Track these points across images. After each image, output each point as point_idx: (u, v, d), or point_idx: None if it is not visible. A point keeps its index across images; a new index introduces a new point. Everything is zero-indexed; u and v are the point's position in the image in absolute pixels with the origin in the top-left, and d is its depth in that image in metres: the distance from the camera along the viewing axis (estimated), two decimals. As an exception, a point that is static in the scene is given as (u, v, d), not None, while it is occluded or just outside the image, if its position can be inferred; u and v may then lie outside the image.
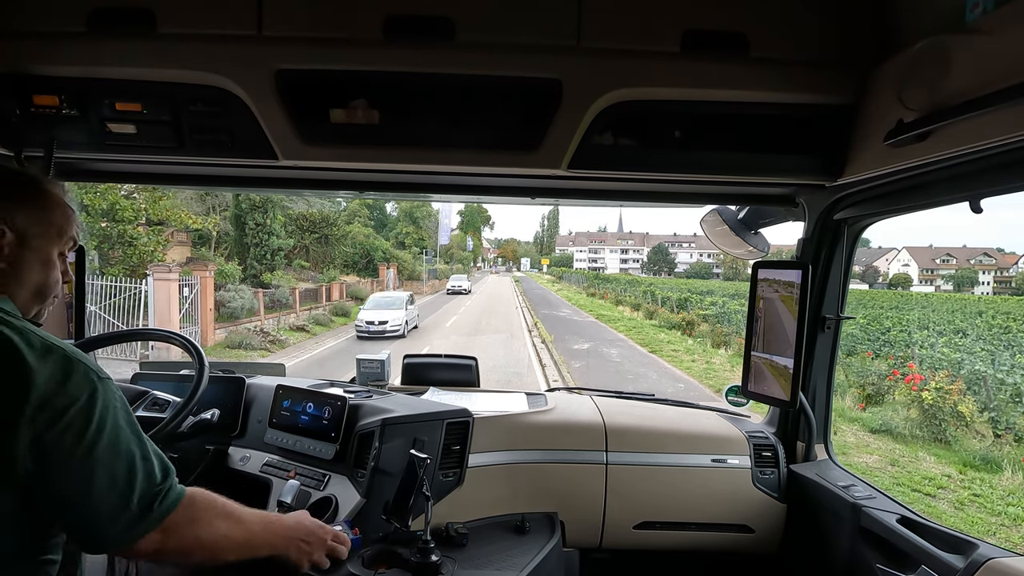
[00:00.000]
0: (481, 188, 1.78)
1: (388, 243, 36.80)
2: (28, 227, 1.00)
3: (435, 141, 1.45)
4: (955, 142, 1.11)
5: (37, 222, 1.02)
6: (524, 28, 1.37)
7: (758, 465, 1.94)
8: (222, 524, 1.09)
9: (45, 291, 1.06)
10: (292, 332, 17.19)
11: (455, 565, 1.51)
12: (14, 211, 0.99)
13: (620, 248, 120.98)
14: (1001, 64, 0.99)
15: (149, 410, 1.65)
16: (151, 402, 1.68)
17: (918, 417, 8.34)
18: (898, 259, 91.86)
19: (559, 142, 1.41)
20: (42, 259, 1.03)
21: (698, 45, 1.36)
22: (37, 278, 1.03)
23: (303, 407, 1.78)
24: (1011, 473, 6.94)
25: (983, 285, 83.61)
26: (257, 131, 1.40)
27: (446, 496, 1.72)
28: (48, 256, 1.04)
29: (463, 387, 2.31)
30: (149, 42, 1.35)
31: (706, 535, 1.94)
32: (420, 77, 1.38)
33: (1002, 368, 10.33)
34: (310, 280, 23.97)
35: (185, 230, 18.86)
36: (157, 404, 1.68)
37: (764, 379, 1.78)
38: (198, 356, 1.64)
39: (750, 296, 1.82)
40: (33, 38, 1.35)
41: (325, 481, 1.64)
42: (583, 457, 1.91)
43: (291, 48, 1.36)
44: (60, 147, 1.45)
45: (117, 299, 12.33)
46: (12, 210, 0.99)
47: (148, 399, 1.68)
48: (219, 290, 15.94)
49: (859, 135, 1.39)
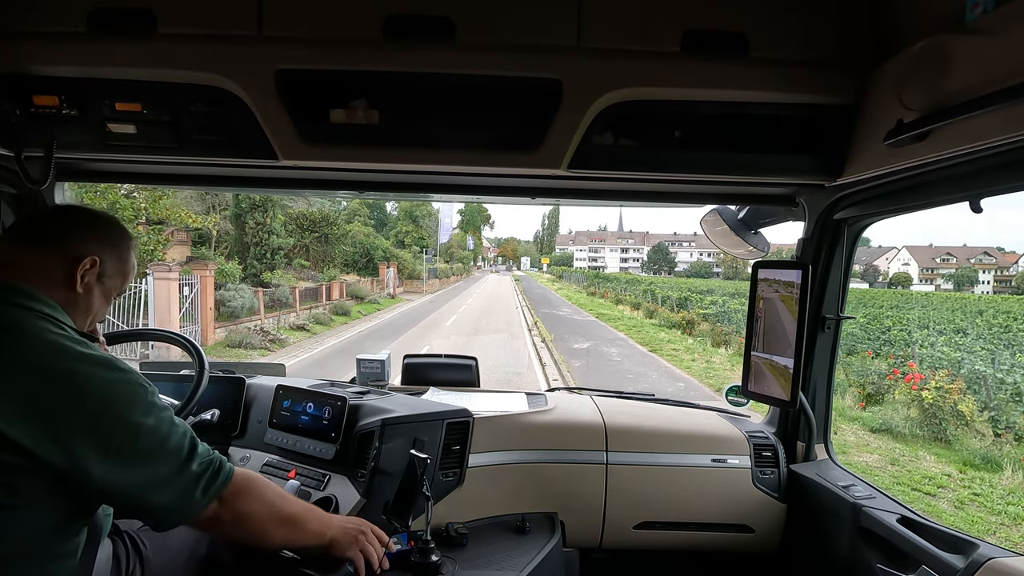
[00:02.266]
0: (481, 188, 1.78)
1: (388, 242, 36.76)
2: (109, 267, 1.17)
3: (435, 141, 1.45)
4: (955, 142, 1.11)
5: (116, 265, 1.19)
6: (524, 28, 1.36)
7: (758, 465, 1.94)
8: (272, 497, 1.20)
9: (94, 319, 1.20)
10: (292, 331, 17.19)
11: (455, 565, 1.52)
12: (106, 251, 1.16)
13: (620, 247, 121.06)
14: (1001, 64, 0.99)
15: None
16: None
17: (918, 416, 8.34)
18: (898, 258, 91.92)
19: (559, 142, 1.41)
20: (106, 295, 1.19)
21: (698, 45, 1.36)
22: (96, 308, 1.18)
23: (303, 407, 1.78)
24: (1011, 472, 6.94)
25: (983, 284, 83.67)
26: (257, 131, 1.40)
27: (446, 496, 1.73)
28: (110, 293, 1.20)
29: (463, 387, 2.31)
30: (149, 42, 1.35)
31: (706, 535, 1.94)
32: (420, 77, 1.38)
33: (1002, 367, 10.35)
34: (310, 279, 23.95)
35: (185, 229, 18.86)
36: None
37: (764, 379, 1.78)
38: (198, 356, 1.65)
39: (750, 296, 1.82)
40: (33, 38, 1.35)
41: (325, 481, 1.64)
42: (583, 457, 1.91)
43: (291, 48, 1.35)
44: (60, 147, 1.45)
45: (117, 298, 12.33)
46: (105, 250, 1.16)
47: None
48: (219, 289, 15.93)
49: (859, 135, 1.39)
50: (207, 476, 1.08)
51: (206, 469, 1.08)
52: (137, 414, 1.00)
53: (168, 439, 1.04)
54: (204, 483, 1.07)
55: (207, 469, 1.08)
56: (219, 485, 1.09)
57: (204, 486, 1.07)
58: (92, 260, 1.11)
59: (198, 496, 1.06)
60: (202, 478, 1.07)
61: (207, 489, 1.07)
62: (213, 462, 1.10)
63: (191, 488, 1.06)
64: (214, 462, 1.10)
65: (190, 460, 1.06)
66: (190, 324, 13.52)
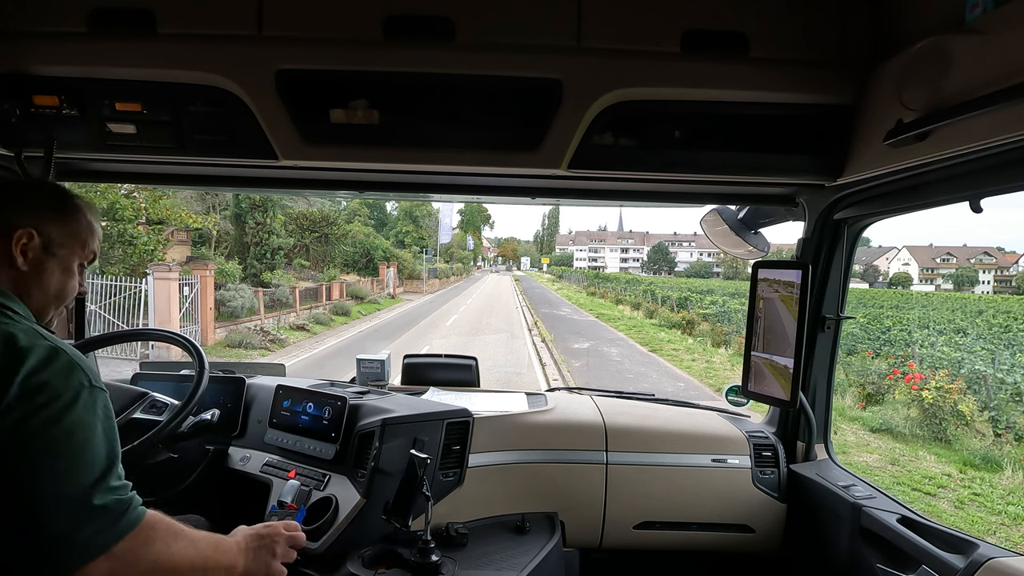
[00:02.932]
0: (481, 188, 1.78)
1: (388, 242, 36.72)
2: (54, 236, 1.07)
3: (435, 141, 1.45)
4: (955, 142, 1.11)
5: (63, 232, 1.08)
6: (524, 28, 1.37)
7: (758, 465, 1.94)
8: (179, 545, 0.98)
9: (61, 297, 1.11)
10: (292, 331, 17.17)
11: (455, 565, 1.52)
12: (44, 220, 1.06)
13: (620, 247, 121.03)
14: (1001, 64, 0.99)
15: (148, 412, 1.65)
16: (150, 404, 1.67)
17: (918, 416, 8.34)
18: (898, 258, 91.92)
19: (559, 142, 1.41)
20: (63, 267, 1.09)
21: (698, 45, 1.36)
22: (56, 285, 1.09)
23: (303, 407, 1.78)
24: (1011, 472, 6.93)
25: (983, 284, 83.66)
26: (257, 131, 1.40)
27: (446, 496, 1.73)
28: (69, 265, 1.10)
29: (463, 387, 2.31)
30: (149, 42, 1.35)
31: (706, 535, 1.94)
32: (420, 77, 1.38)
33: (1002, 367, 10.34)
34: (310, 279, 23.94)
35: (185, 229, 18.86)
36: (155, 407, 1.67)
37: (764, 379, 1.78)
38: (198, 356, 1.65)
39: (750, 296, 1.82)
40: (33, 38, 1.35)
41: (325, 481, 1.64)
42: (583, 457, 1.91)
43: (291, 48, 1.36)
44: (60, 147, 1.45)
45: (117, 298, 12.32)
46: (42, 219, 1.06)
47: (147, 401, 1.68)
48: (219, 289, 15.93)
49: (859, 135, 1.39)
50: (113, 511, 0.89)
51: (117, 502, 0.89)
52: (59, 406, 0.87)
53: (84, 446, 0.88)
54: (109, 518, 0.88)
55: (118, 503, 0.90)
56: (125, 526, 0.89)
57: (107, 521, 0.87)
58: (28, 233, 1.02)
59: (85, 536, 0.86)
60: (107, 512, 0.88)
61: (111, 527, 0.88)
62: (124, 499, 0.91)
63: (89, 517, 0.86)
64: (126, 499, 0.92)
65: (102, 480, 0.89)
66: (190, 324, 13.52)
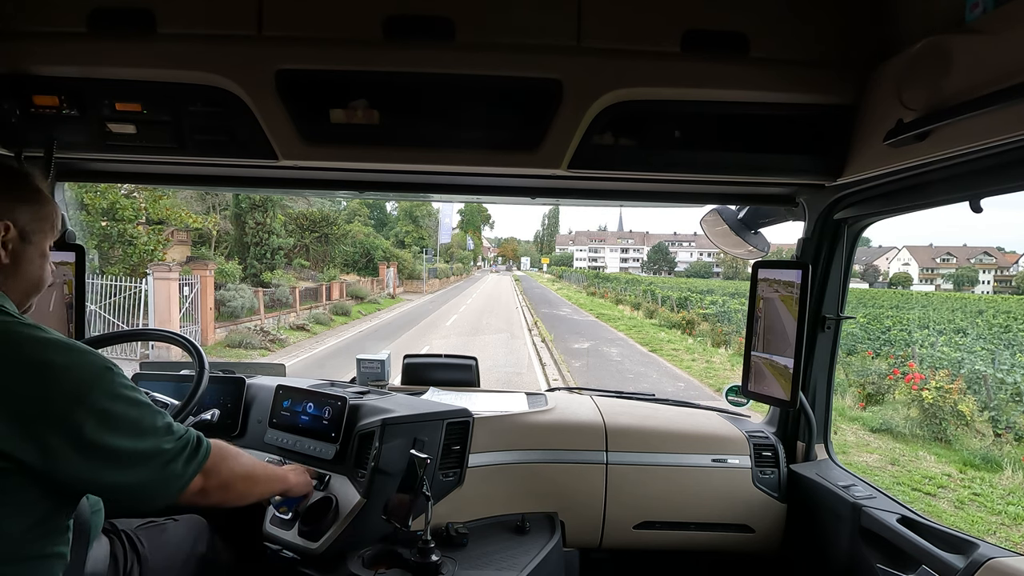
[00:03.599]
0: (481, 188, 1.78)
1: (388, 242, 36.71)
2: (28, 223, 1.04)
3: (435, 141, 1.45)
4: (955, 142, 1.11)
5: (35, 217, 1.06)
6: (524, 28, 1.37)
7: (758, 465, 1.94)
8: (244, 459, 1.25)
9: (41, 284, 1.10)
10: (292, 331, 17.16)
11: (455, 565, 1.52)
12: (15, 209, 1.03)
13: (620, 247, 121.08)
14: (1001, 64, 0.99)
15: None
16: None
17: (918, 416, 8.34)
18: (898, 258, 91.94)
19: (559, 142, 1.41)
20: (40, 252, 1.08)
21: (698, 45, 1.36)
22: (36, 272, 1.08)
23: (303, 407, 1.78)
24: (1011, 472, 6.93)
25: (983, 284, 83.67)
26: (257, 131, 1.40)
27: (446, 496, 1.73)
28: (44, 249, 1.09)
29: (463, 387, 2.31)
30: (149, 42, 1.35)
31: (706, 535, 1.94)
32: (420, 77, 1.38)
33: (1002, 367, 10.34)
34: (310, 279, 23.94)
35: (185, 229, 18.85)
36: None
37: (764, 379, 1.78)
38: (198, 356, 1.65)
39: (750, 296, 1.82)
40: (33, 38, 1.35)
41: (325, 481, 1.64)
42: (583, 457, 1.91)
43: (291, 48, 1.36)
44: (60, 147, 1.45)
45: (117, 298, 12.32)
46: (13, 208, 1.02)
47: None
48: (219, 289, 15.92)
49: (859, 135, 1.39)
50: (187, 452, 1.07)
51: (185, 445, 1.07)
52: (106, 400, 0.95)
53: (141, 420, 1.00)
54: (185, 458, 1.06)
55: (186, 445, 1.07)
56: (201, 458, 1.09)
57: (186, 460, 1.06)
58: (4, 225, 1.00)
59: (180, 471, 1.05)
60: (182, 454, 1.06)
61: (188, 463, 1.06)
62: (191, 438, 1.09)
63: (172, 465, 1.04)
64: (191, 438, 1.09)
65: (167, 437, 1.04)
66: (190, 324, 13.51)
